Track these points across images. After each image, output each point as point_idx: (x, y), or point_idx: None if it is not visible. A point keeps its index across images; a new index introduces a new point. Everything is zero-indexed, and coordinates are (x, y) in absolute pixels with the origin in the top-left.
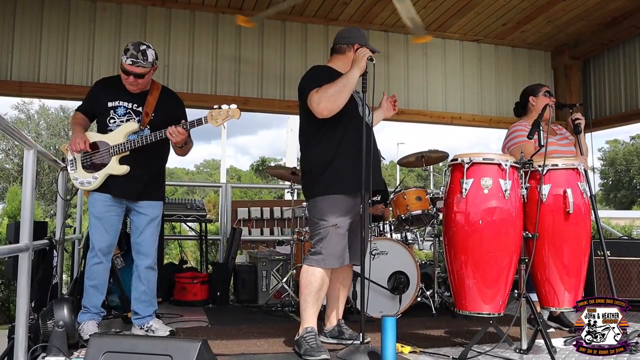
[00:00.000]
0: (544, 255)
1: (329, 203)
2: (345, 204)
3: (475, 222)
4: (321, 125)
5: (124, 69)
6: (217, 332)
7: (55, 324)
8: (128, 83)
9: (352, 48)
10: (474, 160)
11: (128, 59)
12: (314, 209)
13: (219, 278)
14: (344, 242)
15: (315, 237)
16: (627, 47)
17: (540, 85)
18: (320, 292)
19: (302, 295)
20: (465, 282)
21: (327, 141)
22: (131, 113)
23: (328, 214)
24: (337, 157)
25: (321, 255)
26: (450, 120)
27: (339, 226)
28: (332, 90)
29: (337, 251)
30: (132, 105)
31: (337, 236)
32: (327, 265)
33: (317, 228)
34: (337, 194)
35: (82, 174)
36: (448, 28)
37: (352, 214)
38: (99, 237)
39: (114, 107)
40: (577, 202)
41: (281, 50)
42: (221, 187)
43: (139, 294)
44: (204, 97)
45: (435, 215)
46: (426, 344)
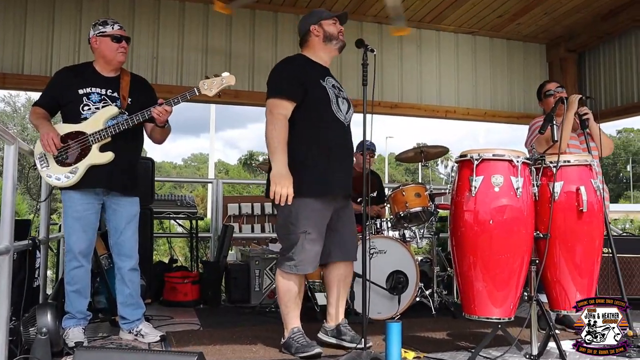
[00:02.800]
0: (555, 256)
1: (299, 207)
2: (316, 209)
3: (485, 222)
4: (292, 125)
5: (114, 36)
6: (210, 335)
7: (38, 330)
8: (120, 52)
9: (310, 32)
10: (483, 156)
11: (114, 25)
12: (283, 212)
13: (210, 277)
14: (316, 248)
15: (286, 242)
16: (623, 40)
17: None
18: (300, 295)
19: (282, 301)
20: (474, 285)
21: (296, 141)
22: (106, 99)
23: (298, 219)
24: (307, 157)
25: (294, 261)
26: (445, 114)
27: (309, 232)
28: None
29: (310, 257)
30: (105, 91)
31: (309, 243)
32: (301, 271)
33: (286, 233)
34: (307, 198)
35: (56, 169)
36: (443, 20)
37: (324, 218)
38: (77, 238)
39: (86, 94)
40: (591, 199)
41: (273, 42)
42: (212, 183)
43: (124, 298)
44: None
45: (435, 212)
46: (429, 347)
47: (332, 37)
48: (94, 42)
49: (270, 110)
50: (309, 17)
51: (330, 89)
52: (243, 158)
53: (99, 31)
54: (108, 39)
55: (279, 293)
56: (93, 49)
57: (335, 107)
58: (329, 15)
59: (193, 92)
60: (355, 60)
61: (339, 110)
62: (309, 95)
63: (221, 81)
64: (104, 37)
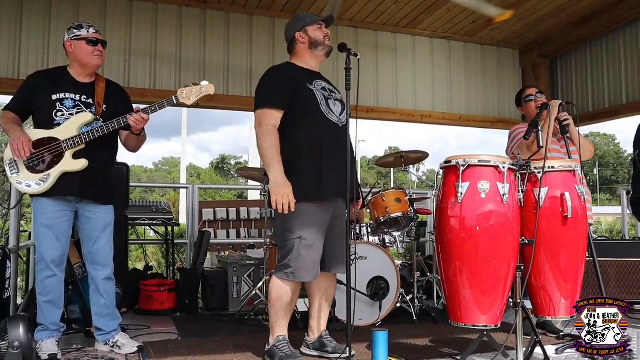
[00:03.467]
0: (540, 261)
1: (294, 213)
2: (311, 213)
3: (471, 228)
4: (281, 128)
5: (90, 39)
6: (189, 346)
7: (10, 345)
8: (95, 55)
9: (296, 40)
10: (469, 162)
11: (90, 29)
12: (279, 219)
13: (187, 285)
14: (312, 255)
15: (283, 249)
16: (594, 46)
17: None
18: (291, 304)
19: (272, 308)
20: (460, 291)
21: (286, 145)
22: (81, 105)
23: (293, 225)
24: (297, 161)
25: (290, 268)
26: (421, 118)
27: (304, 238)
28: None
29: (307, 264)
30: (80, 97)
31: (304, 249)
32: (297, 278)
33: (283, 240)
34: (300, 203)
35: (27, 175)
36: (418, 25)
37: (320, 222)
38: (50, 247)
39: (60, 100)
40: (575, 205)
41: (248, 45)
42: (187, 189)
43: (99, 309)
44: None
45: (415, 217)
46: (413, 355)
47: (317, 43)
48: (69, 46)
49: (259, 122)
50: (294, 24)
51: (318, 92)
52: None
53: (73, 35)
54: (83, 42)
55: (270, 299)
56: (68, 53)
57: (325, 108)
58: (313, 20)
59: (171, 101)
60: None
61: (330, 112)
62: (295, 99)
63: (200, 90)
64: (79, 41)
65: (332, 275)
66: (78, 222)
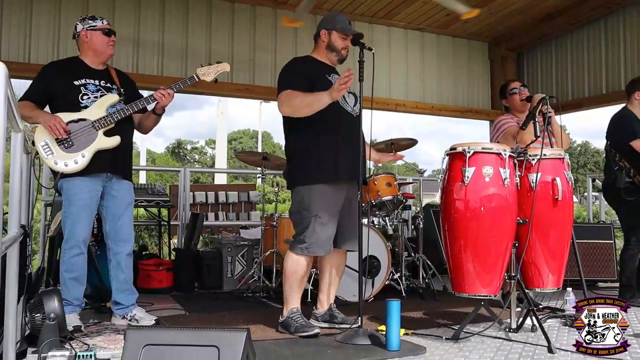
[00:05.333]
0: (532, 240)
1: (310, 193)
2: (326, 194)
3: (476, 209)
4: (300, 118)
5: (105, 30)
6: (201, 320)
7: (47, 316)
8: (110, 45)
9: (319, 35)
10: (474, 149)
11: (103, 21)
12: (296, 198)
13: (183, 265)
14: (327, 232)
15: (299, 226)
16: (559, 42)
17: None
18: (304, 278)
19: (287, 281)
20: (464, 266)
21: (304, 130)
22: (102, 89)
23: (309, 204)
24: (315, 146)
25: (305, 243)
26: (395, 107)
27: (320, 216)
28: (297, 101)
29: (321, 240)
30: (100, 82)
31: (319, 226)
32: (311, 253)
33: (299, 217)
34: (317, 184)
35: (62, 155)
36: (394, 16)
37: (335, 202)
38: (82, 226)
39: (83, 85)
40: (564, 189)
41: (229, 33)
42: (180, 171)
43: (119, 284)
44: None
45: (404, 200)
46: (411, 325)
47: (334, 48)
48: (84, 35)
49: (282, 102)
50: (326, 20)
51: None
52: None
53: (89, 25)
54: (99, 33)
55: (285, 272)
56: (81, 43)
57: (342, 99)
58: (341, 28)
59: (193, 78)
60: None
61: (345, 103)
62: (316, 88)
63: (216, 68)
64: (95, 31)
65: (342, 252)
66: (102, 201)
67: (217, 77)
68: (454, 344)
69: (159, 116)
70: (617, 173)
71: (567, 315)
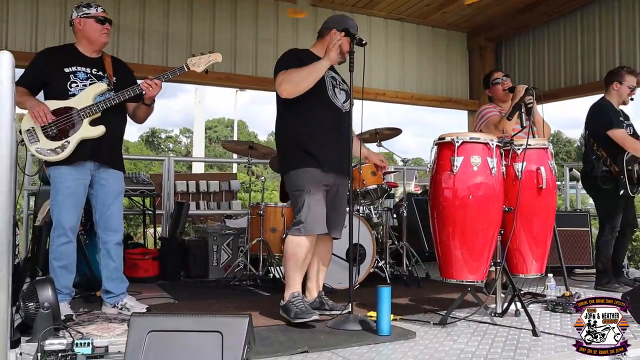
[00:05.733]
0: (516, 227)
1: (301, 175)
2: (317, 175)
3: (464, 197)
4: (289, 104)
5: (99, 18)
6: (191, 308)
7: (41, 305)
8: (103, 33)
9: (329, 33)
10: (463, 139)
11: (98, 8)
12: (290, 183)
13: (169, 254)
14: (321, 208)
15: (295, 208)
16: (536, 33)
17: (490, 74)
18: (305, 261)
19: (287, 264)
20: (452, 252)
21: (295, 121)
22: (92, 77)
23: (302, 184)
24: (305, 136)
25: (302, 223)
26: (375, 96)
27: (312, 192)
28: (295, 75)
29: (316, 216)
30: (91, 70)
31: (313, 202)
32: (309, 231)
33: (294, 200)
34: (307, 167)
35: (47, 143)
36: (375, 5)
37: (324, 184)
38: (69, 214)
39: (73, 72)
40: (548, 178)
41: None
42: (165, 160)
43: (110, 272)
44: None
45: (388, 189)
46: (399, 311)
47: (341, 50)
48: (78, 23)
49: (279, 82)
50: (339, 20)
51: (328, 78)
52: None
53: (83, 12)
54: (92, 21)
55: (286, 256)
56: (76, 30)
57: (332, 93)
58: (349, 33)
59: (182, 68)
60: None
61: (335, 97)
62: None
63: (208, 58)
64: (88, 19)
65: (329, 239)
66: (92, 189)
67: (207, 67)
68: (442, 328)
69: (148, 106)
70: (594, 162)
71: (548, 301)
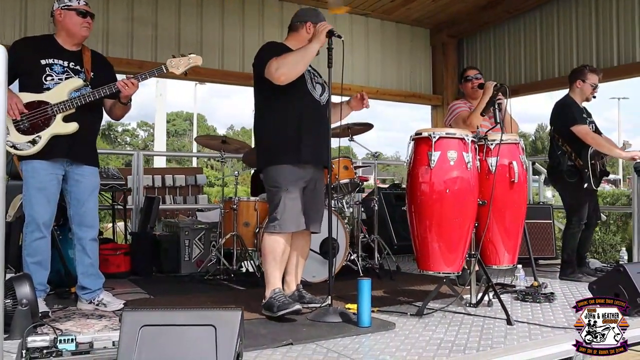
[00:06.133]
0: (490, 220)
1: (278, 171)
2: (294, 173)
3: (442, 191)
4: (268, 98)
5: (80, 11)
6: (169, 303)
7: (19, 302)
8: (84, 27)
9: (304, 25)
10: (439, 134)
11: (80, 1)
12: (268, 178)
13: (140, 249)
14: (297, 207)
15: (271, 205)
16: (497, 30)
17: (464, 71)
18: (283, 256)
19: (266, 261)
20: (430, 245)
21: (271, 115)
22: (69, 71)
23: (279, 181)
24: (281, 129)
25: (277, 220)
26: (340, 91)
27: (289, 190)
28: (290, 58)
29: (292, 215)
30: (68, 64)
31: (290, 200)
32: (284, 229)
33: (271, 196)
34: (283, 163)
35: (17, 137)
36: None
37: (302, 181)
38: (42, 209)
39: (49, 65)
40: (520, 172)
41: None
42: (134, 155)
43: (85, 268)
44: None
45: (360, 183)
46: (374, 303)
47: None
48: (58, 14)
49: (275, 68)
50: (312, 14)
51: (306, 72)
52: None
53: (64, 4)
54: (73, 13)
55: (263, 254)
56: (56, 22)
57: (310, 86)
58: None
59: (160, 70)
60: None
61: (313, 90)
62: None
63: (188, 61)
64: (69, 11)
65: (307, 233)
66: (66, 185)
67: (187, 70)
68: (419, 319)
69: (124, 105)
70: (560, 157)
71: (518, 291)
